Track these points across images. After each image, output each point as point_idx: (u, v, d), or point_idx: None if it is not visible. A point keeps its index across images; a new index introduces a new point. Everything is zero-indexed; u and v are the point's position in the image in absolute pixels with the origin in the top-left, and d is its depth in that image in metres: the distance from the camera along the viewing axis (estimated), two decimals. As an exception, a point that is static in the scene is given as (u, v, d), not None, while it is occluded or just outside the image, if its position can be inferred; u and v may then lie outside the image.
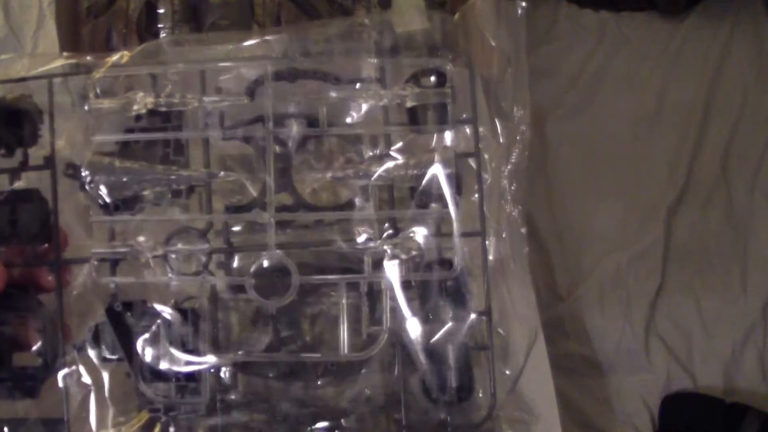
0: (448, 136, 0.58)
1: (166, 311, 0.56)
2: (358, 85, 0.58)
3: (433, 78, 0.59)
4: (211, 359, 0.56)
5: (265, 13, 0.91)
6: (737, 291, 1.00)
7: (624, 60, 1.08)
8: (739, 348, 0.97)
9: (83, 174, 0.56)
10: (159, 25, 0.88)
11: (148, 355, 0.56)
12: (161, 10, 0.88)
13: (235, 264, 0.59)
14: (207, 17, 0.88)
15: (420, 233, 0.57)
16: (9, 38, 0.96)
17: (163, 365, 0.56)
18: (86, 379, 0.56)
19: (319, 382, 0.60)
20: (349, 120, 0.59)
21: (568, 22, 1.09)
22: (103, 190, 0.56)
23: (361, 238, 0.57)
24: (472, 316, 0.57)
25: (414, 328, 0.57)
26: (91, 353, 0.57)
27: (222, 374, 0.57)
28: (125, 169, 0.56)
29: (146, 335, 0.56)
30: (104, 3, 0.90)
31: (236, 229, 0.60)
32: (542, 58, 1.07)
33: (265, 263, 0.56)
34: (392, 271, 0.56)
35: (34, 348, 0.56)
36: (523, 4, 0.67)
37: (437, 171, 0.57)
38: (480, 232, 0.58)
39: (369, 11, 0.94)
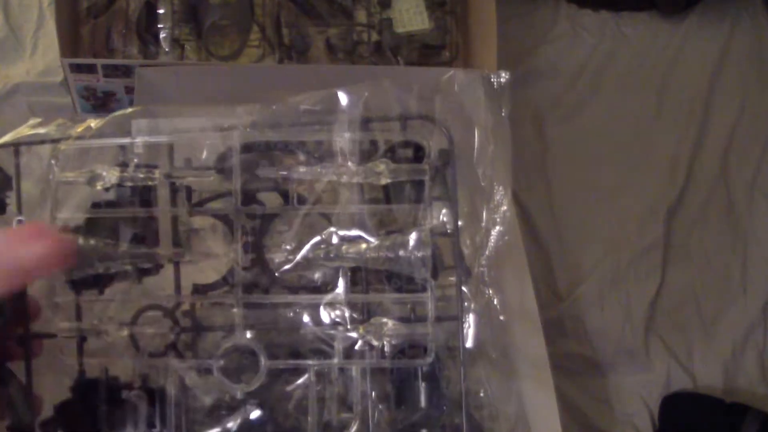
0: (425, 215, 0.55)
1: (132, 392, 0.55)
2: (331, 159, 0.56)
3: (411, 152, 0.56)
4: None
5: (265, 13, 0.92)
6: (737, 291, 1.00)
7: (624, 60, 1.08)
8: (739, 348, 0.97)
9: None
10: (159, 26, 0.88)
11: None
12: (161, 11, 0.88)
13: (206, 339, 0.58)
14: (207, 17, 0.88)
15: (394, 317, 0.55)
16: (9, 38, 0.96)
17: None
18: None
19: None
20: (321, 191, 0.57)
21: (567, 22, 1.09)
22: (67, 269, 0.54)
23: (331, 322, 0.56)
24: (446, 402, 0.56)
25: (386, 414, 0.56)
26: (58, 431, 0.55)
27: None
28: (90, 248, 0.54)
29: (111, 416, 0.55)
30: (104, 3, 0.90)
31: (205, 305, 0.58)
32: (542, 58, 1.07)
33: (232, 346, 0.55)
34: (364, 357, 0.55)
35: (4, 421, 0.54)
36: (506, 75, 0.63)
37: (412, 254, 0.54)
38: (456, 316, 0.55)
39: (369, 11, 0.94)
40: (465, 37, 0.97)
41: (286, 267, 0.57)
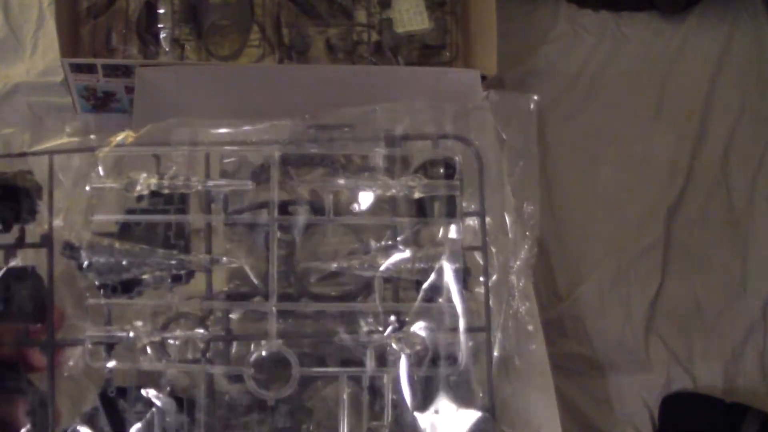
0: (456, 229, 0.57)
1: (161, 399, 0.55)
2: (366, 174, 0.57)
3: (442, 169, 0.58)
4: None
5: (265, 13, 0.92)
6: (737, 291, 1.00)
7: (624, 60, 1.08)
8: (739, 348, 0.97)
9: (81, 255, 0.54)
10: (159, 26, 0.88)
11: None
12: (161, 11, 0.88)
13: (233, 350, 0.58)
14: (207, 17, 0.88)
15: (425, 327, 0.56)
16: (9, 38, 0.96)
17: None
18: None
19: None
20: (355, 207, 0.58)
21: (568, 22, 1.09)
22: (101, 272, 0.54)
23: (364, 331, 0.56)
24: (476, 412, 0.56)
25: (416, 422, 0.56)
26: None
27: None
28: (125, 252, 0.55)
29: (140, 423, 0.55)
30: (104, 3, 0.90)
31: (235, 315, 0.58)
32: (542, 58, 1.07)
33: (265, 353, 0.55)
34: (395, 365, 0.56)
35: (23, 431, 0.54)
36: (536, 98, 0.65)
37: (444, 266, 0.56)
38: (485, 327, 0.57)
39: (369, 11, 0.94)
40: (465, 37, 0.97)
41: (320, 277, 0.58)
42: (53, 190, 0.57)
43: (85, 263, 0.54)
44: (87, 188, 0.56)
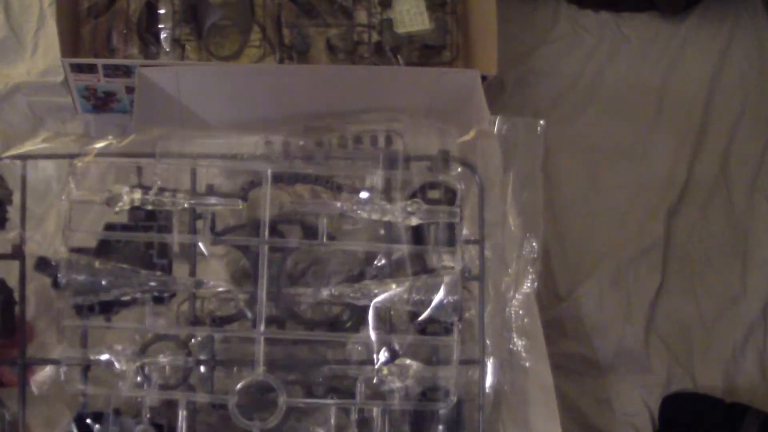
0: (455, 259, 0.55)
1: (140, 426, 0.52)
2: (362, 194, 0.55)
3: (440, 193, 0.56)
4: None
5: (266, 13, 0.92)
6: (737, 291, 1.00)
7: (624, 60, 1.08)
8: (739, 348, 0.97)
9: (58, 272, 0.51)
10: (159, 26, 0.88)
11: None
12: (162, 11, 0.88)
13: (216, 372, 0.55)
14: (207, 18, 0.88)
15: (417, 359, 0.54)
16: (9, 38, 0.96)
17: None
18: None
19: None
20: (349, 228, 0.56)
21: (568, 23, 1.09)
22: (79, 292, 0.51)
23: (354, 360, 0.55)
24: None
25: None
26: None
27: None
28: (105, 272, 0.51)
29: None
30: (105, 3, 0.90)
31: (219, 336, 0.56)
32: (542, 58, 1.07)
33: (250, 382, 0.53)
34: (386, 397, 0.54)
35: None
36: (542, 122, 0.62)
37: (442, 298, 0.53)
38: (478, 360, 0.55)
39: (369, 11, 0.94)
40: (465, 38, 0.97)
41: (311, 303, 0.56)
42: (26, 198, 0.53)
43: (63, 281, 0.51)
44: (62, 198, 0.52)
